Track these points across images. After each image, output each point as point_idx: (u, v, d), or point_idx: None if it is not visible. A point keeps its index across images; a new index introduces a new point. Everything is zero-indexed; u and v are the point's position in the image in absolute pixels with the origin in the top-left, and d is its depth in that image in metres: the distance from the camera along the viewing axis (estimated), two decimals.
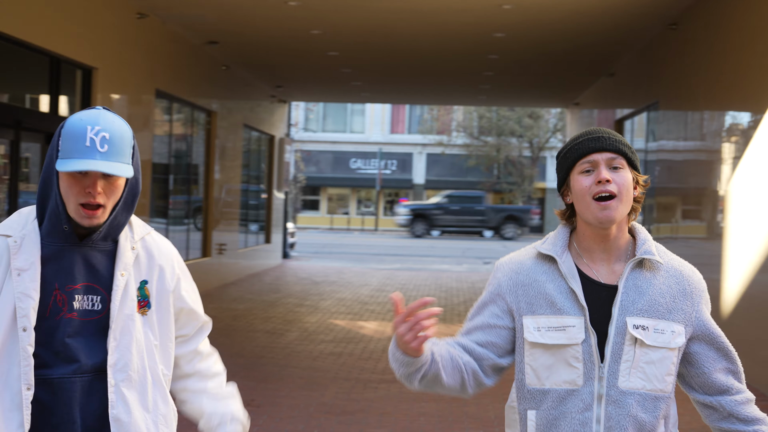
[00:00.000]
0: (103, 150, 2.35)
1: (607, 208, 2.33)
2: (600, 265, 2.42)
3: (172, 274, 2.58)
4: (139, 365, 2.46)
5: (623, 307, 2.35)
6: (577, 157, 2.40)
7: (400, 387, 8.04)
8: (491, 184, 47.97)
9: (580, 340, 2.35)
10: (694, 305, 2.43)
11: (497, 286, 2.47)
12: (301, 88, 20.78)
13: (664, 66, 12.43)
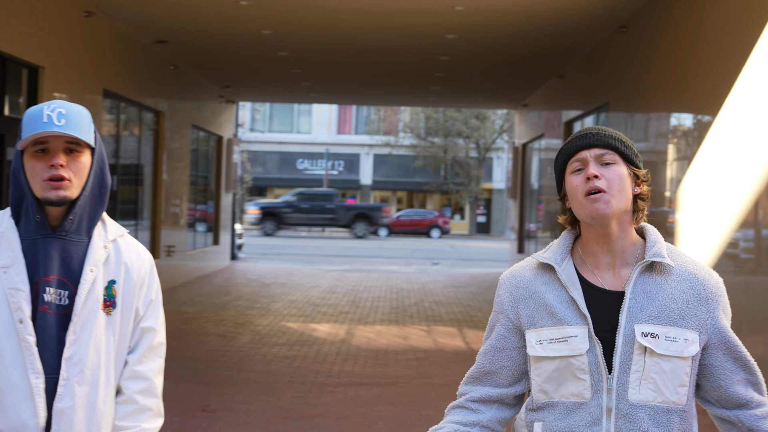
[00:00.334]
0: (60, 123, 2.42)
1: (597, 200, 2.22)
2: (605, 271, 2.30)
3: (140, 279, 2.56)
4: (95, 363, 2.45)
5: (631, 314, 2.23)
6: (567, 156, 2.33)
7: (357, 390, 7.99)
8: (438, 185, 48.16)
9: (583, 351, 2.24)
10: (710, 311, 2.28)
11: (500, 304, 2.40)
12: (250, 88, 20.62)
13: (614, 68, 12.53)
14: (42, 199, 2.43)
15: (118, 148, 13.74)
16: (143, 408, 2.52)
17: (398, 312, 13.69)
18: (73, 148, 2.45)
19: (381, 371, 8.92)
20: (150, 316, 2.57)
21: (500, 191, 49.54)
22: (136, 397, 2.52)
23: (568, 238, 2.37)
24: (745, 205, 7.76)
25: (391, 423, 6.87)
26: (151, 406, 2.53)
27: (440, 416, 6.94)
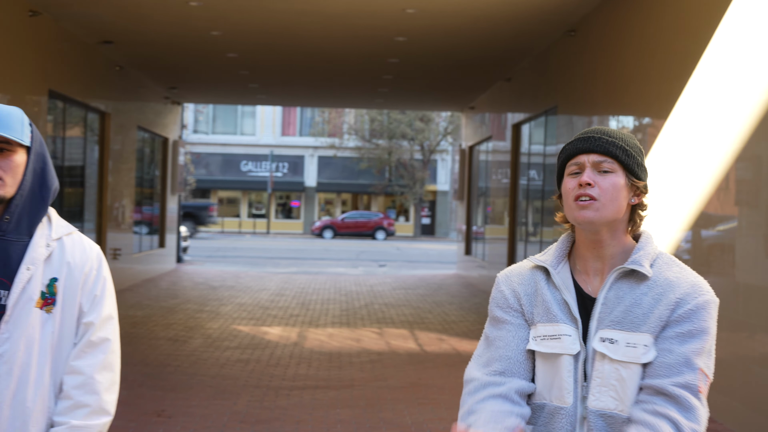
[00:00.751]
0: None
1: (586, 207, 2.20)
2: (593, 276, 2.27)
3: (84, 275, 2.53)
4: (25, 361, 2.44)
5: (600, 320, 2.21)
6: (566, 157, 2.30)
7: (313, 394, 7.96)
8: (383, 187, 48.21)
9: (574, 352, 2.22)
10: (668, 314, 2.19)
11: (503, 299, 2.35)
12: (196, 89, 20.44)
13: (563, 71, 12.66)
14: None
15: (63, 150, 13.51)
16: (79, 404, 2.49)
17: (349, 314, 13.67)
18: (4, 147, 2.44)
19: (336, 374, 8.89)
20: (92, 312, 2.54)
21: (444, 193, 49.79)
22: (72, 392, 2.49)
23: (566, 242, 2.34)
24: (696, 207, 7.90)
25: (349, 426, 6.85)
26: (88, 403, 2.49)
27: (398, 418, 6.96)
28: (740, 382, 6.86)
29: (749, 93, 6.83)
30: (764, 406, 6.48)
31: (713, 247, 7.79)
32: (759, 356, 6.66)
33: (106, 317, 2.56)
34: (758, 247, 6.82)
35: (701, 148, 7.72)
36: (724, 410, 7.05)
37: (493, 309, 2.37)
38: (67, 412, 2.48)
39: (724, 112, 7.26)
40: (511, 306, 2.33)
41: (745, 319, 6.90)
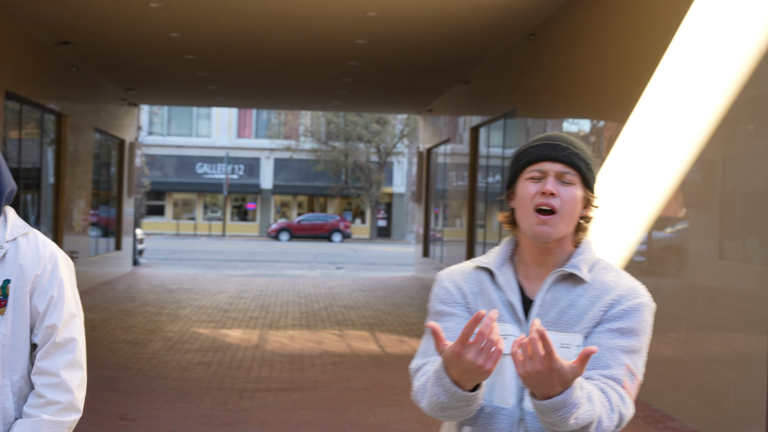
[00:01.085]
0: None
1: (546, 223, 2.18)
2: (534, 281, 2.26)
3: (35, 277, 2.54)
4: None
5: None
6: (528, 161, 2.24)
7: (276, 396, 7.97)
8: (339, 189, 48.21)
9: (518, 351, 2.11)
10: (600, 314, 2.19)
11: (448, 294, 2.29)
12: (153, 91, 20.29)
13: (522, 75, 12.79)
14: None
15: (19, 151, 13.35)
16: (51, 401, 2.51)
17: (309, 316, 13.68)
18: None
19: (299, 376, 8.91)
20: (52, 315, 2.54)
21: (401, 195, 49.91)
22: (43, 390, 2.52)
23: (509, 245, 2.32)
24: (652, 210, 8.04)
25: (314, 428, 6.88)
26: (59, 400, 2.52)
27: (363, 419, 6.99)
28: (698, 381, 6.99)
29: (704, 99, 6.98)
30: (722, 404, 6.62)
31: (669, 249, 7.93)
32: (715, 355, 6.80)
33: (69, 317, 2.56)
34: (712, 249, 6.96)
35: (658, 152, 7.86)
36: (683, 408, 7.19)
37: (435, 304, 2.31)
38: (39, 407, 2.50)
39: (680, 117, 7.40)
40: (456, 301, 2.28)
41: (702, 319, 7.04)
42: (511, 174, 2.30)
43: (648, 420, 7.18)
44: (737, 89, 6.52)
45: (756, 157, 6.32)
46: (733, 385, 6.47)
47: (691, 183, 7.37)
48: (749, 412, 6.24)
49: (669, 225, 7.92)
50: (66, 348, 2.54)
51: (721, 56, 6.77)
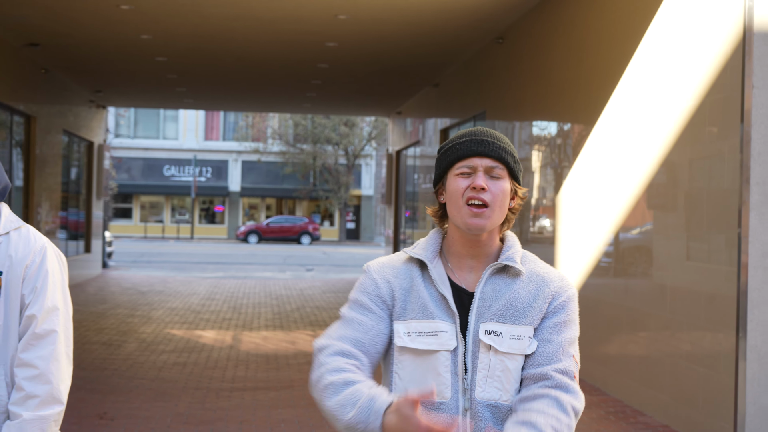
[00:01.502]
0: None
1: (479, 216, 2.26)
2: (467, 272, 2.33)
3: (25, 268, 2.63)
4: None
5: (479, 313, 2.26)
6: (457, 158, 2.30)
7: (253, 395, 8.05)
8: (307, 192, 48.22)
9: (452, 348, 2.24)
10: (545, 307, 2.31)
11: (375, 287, 2.31)
12: (122, 93, 20.25)
13: (491, 77, 12.96)
14: None
15: None
16: (30, 395, 2.58)
17: (281, 318, 13.75)
18: None
19: (274, 375, 8.99)
20: (34, 304, 2.63)
21: (369, 197, 50.02)
22: (23, 383, 2.59)
23: (437, 237, 2.37)
24: (619, 211, 8.22)
25: (292, 425, 6.97)
26: (38, 393, 2.58)
27: None
28: (668, 377, 7.17)
29: (670, 102, 7.16)
30: (691, 399, 6.80)
31: (636, 250, 8.11)
32: (684, 352, 6.98)
33: (50, 309, 2.63)
34: (679, 249, 7.14)
35: (625, 155, 8.04)
36: (653, 404, 7.37)
37: (358, 295, 2.32)
38: (20, 403, 2.58)
39: (647, 120, 7.58)
40: (381, 297, 2.30)
41: (671, 317, 7.22)
42: (440, 170, 2.36)
43: (619, 416, 7.35)
44: (702, 93, 6.71)
45: (721, 159, 6.51)
46: (702, 381, 6.65)
47: (657, 185, 7.55)
48: (718, 407, 6.42)
49: (636, 226, 8.10)
50: (46, 340, 2.61)
51: (686, 61, 6.95)
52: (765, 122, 6.20)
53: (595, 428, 6.95)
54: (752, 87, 6.17)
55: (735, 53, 6.29)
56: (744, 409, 6.16)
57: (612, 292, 8.48)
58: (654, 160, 7.53)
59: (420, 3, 10.75)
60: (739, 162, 6.24)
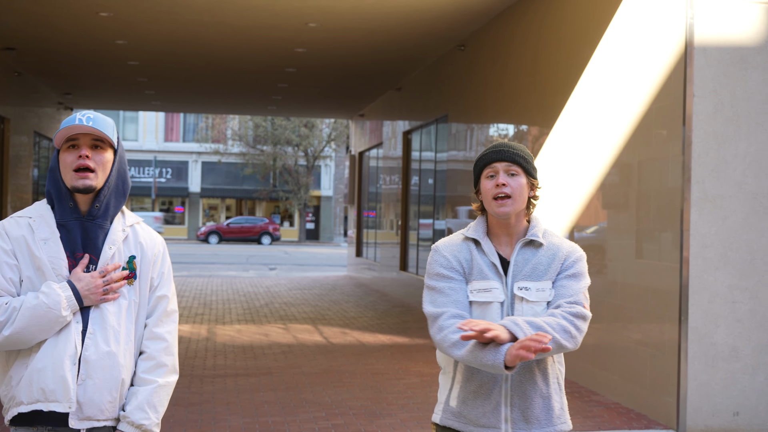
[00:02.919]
0: (88, 123, 2.98)
1: (503, 205, 3.08)
2: (505, 246, 3.16)
3: (154, 255, 3.11)
4: (114, 323, 2.99)
5: (514, 275, 3.09)
6: (483, 165, 3.15)
7: (235, 381, 8.59)
8: (267, 192, 48.59)
9: (501, 300, 3.06)
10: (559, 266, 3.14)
11: (448, 261, 3.12)
12: (90, 95, 20.59)
13: (453, 82, 13.59)
14: (72, 188, 2.97)
15: None
16: (160, 363, 3.06)
17: (252, 313, 14.27)
18: (98, 144, 2.99)
19: (252, 364, 9.54)
20: (163, 286, 3.11)
21: (329, 198, 50.52)
22: (155, 354, 3.05)
23: (483, 222, 3.19)
24: (575, 210, 8.88)
25: (275, 406, 7.53)
26: (167, 363, 3.07)
27: (318, 399, 7.67)
28: (619, 362, 7.84)
29: (621, 107, 7.83)
30: (639, 378, 7.47)
31: (590, 248, 8.76)
32: (633, 341, 7.65)
33: (173, 292, 3.15)
34: (629, 248, 7.81)
35: (581, 156, 8.71)
36: (605, 384, 8.04)
37: (437, 269, 3.12)
38: (151, 370, 3.04)
39: (601, 124, 8.26)
40: (454, 267, 3.11)
41: (622, 311, 7.88)
42: (475, 176, 3.20)
43: (575, 395, 8.01)
44: (649, 100, 7.39)
45: (666, 160, 7.19)
46: (649, 362, 7.33)
47: (610, 185, 8.22)
48: (663, 384, 7.10)
49: (590, 225, 8.77)
50: (172, 317, 3.11)
51: (635, 71, 7.63)
52: (704, 127, 6.89)
53: None
54: (693, 95, 6.87)
55: (678, 65, 6.98)
56: (686, 385, 6.85)
57: None
58: (606, 162, 8.20)
59: (386, 13, 11.36)
60: (681, 163, 6.93)
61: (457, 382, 3.12)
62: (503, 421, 3.06)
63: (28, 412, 2.93)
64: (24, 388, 2.93)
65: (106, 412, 2.97)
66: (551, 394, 3.10)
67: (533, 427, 3.07)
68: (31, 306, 2.89)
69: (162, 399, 3.05)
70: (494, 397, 3.06)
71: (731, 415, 6.90)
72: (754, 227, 6.96)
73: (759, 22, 6.97)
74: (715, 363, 6.90)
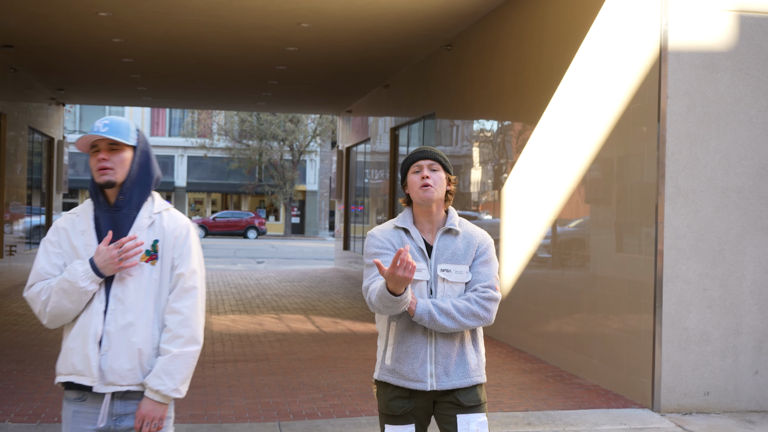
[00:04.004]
0: (103, 130, 3.50)
1: (426, 191, 3.76)
2: (428, 233, 3.83)
3: (175, 238, 3.56)
4: (136, 300, 3.46)
5: (436, 258, 3.76)
6: (410, 163, 3.86)
7: (235, 366, 9.03)
8: (253, 187, 48.92)
9: (427, 279, 3.74)
10: (474, 253, 3.80)
11: (381, 242, 3.78)
12: (83, 91, 20.92)
13: (440, 81, 14.04)
14: (98, 184, 3.51)
15: None
16: (177, 335, 3.47)
17: (244, 304, 14.70)
18: (114, 147, 3.49)
19: (250, 350, 9.98)
20: (182, 265, 3.54)
21: (314, 193, 50.90)
22: (172, 326, 3.48)
23: (409, 213, 3.87)
24: (558, 205, 9.36)
25: (275, 388, 7.98)
26: (183, 334, 3.47)
27: (315, 381, 8.12)
28: (598, 348, 8.34)
29: (601, 107, 8.31)
30: (617, 362, 7.97)
31: (572, 242, 9.24)
32: (612, 328, 8.14)
33: (192, 270, 3.55)
34: (610, 242, 8.28)
35: (565, 151, 9.19)
36: (585, 368, 8.53)
37: (371, 249, 3.77)
38: (169, 341, 3.47)
39: (581, 123, 8.74)
40: (386, 247, 3.76)
41: (602, 302, 8.37)
42: (402, 173, 3.91)
43: (557, 379, 8.50)
44: (626, 101, 7.87)
45: (642, 157, 7.67)
46: (626, 347, 7.82)
47: (589, 181, 8.69)
48: (639, 366, 7.60)
49: (572, 219, 9.25)
50: (189, 293, 3.52)
51: (613, 73, 8.11)
52: (677, 126, 7.39)
53: (536, 388, 8.08)
54: (667, 97, 7.36)
55: (653, 68, 7.47)
56: (660, 367, 7.35)
57: (551, 279, 9.62)
58: (586, 160, 8.68)
59: (377, 13, 11.80)
60: (656, 160, 7.42)
61: (389, 345, 3.77)
62: (429, 375, 3.72)
63: (65, 381, 3.50)
64: (61, 361, 3.49)
65: (126, 378, 3.44)
66: (467, 353, 3.77)
67: (452, 379, 3.74)
68: (57, 282, 3.42)
69: (179, 367, 3.45)
70: (421, 356, 3.72)
71: (702, 395, 7.41)
72: (723, 220, 7.47)
73: (728, 30, 7.47)
74: (687, 347, 7.40)
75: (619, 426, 6.93)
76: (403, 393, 3.76)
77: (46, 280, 3.46)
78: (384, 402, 3.81)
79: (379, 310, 3.65)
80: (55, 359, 3.71)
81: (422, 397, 3.77)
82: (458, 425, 3.74)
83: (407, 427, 3.78)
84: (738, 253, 7.49)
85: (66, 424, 3.52)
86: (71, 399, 3.51)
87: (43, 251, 3.52)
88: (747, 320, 7.50)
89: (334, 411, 7.17)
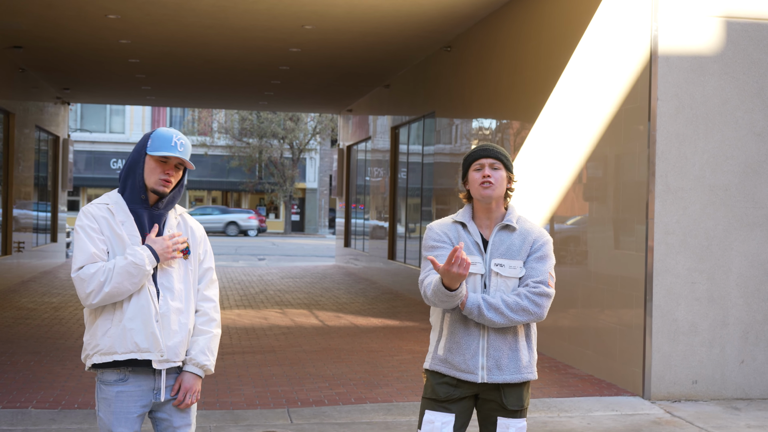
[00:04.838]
0: (181, 150, 3.85)
1: (487, 188, 3.84)
2: (485, 228, 3.91)
3: (200, 237, 4.02)
4: (179, 288, 3.86)
5: (491, 252, 3.83)
6: (472, 160, 3.92)
7: (243, 357, 9.38)
8: (253, 185, 49.24)
9: (482, 272, 3.82)
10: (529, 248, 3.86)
11: (439, 235, 3.89)
12: (88, 90, 21.24)
13: (440, 81, 14.38)
14: (152, 189, 3.83)
15: None
16: (212, 318, 3.96)
17: (248, 299, 15.05)
18: (179, 166, 3.88)
19: (257, 343, 10.33)
20: (208, 260, 4.02)
21: (313, 190, 51.25)
22: (208, 311, 3.96)
23: (469, 209, 3.94)
24: (555, 202, 9.71)
25: (282, 378, 8.33)
26: (216, 318, 3.97)
27: (321, 372, 8.51)
28: (592, 340, 8.69)
29: (595, 107, 8.66)
30: (610, 353, 8.32)
31: (569, 239, 9.58)
32: (605, 321, 8.49)
33: (214, 265, 4.07)
34: (605, 239, 8.63)
35: (561, 150, 9.53)
36: (580, 359, 8.88)
37: (429, 242, 3.87)
38: (207, 323, 3.94)
39: (579, 120, 9.08)
40: (444, 240, 3.86)
41: (596, 296, 8.71)
42: (464, 169, 3.95)
43: (553, 369, 8.85)
44: (619, 101, 8.22)
45: (634, 156, 8.02)
46: (619, 339, 8.17)
47: (588, 177, 9.03)
48: (630, 357, 7.95)
49: (569, 216, 9.59)
50: (215, 283, 4.04)
51: (607, 76, 8.46)
52: (667, 127, 7.74)
53: None
54: (657, 99, 7.71)
55: (644, 71, 7.82)
56: (650, 357, 7.70)
57: None
58: (581, 158, 9.03)
59: (378, 16, 12.14)
60: (647, 159, 7.77)
61: (443, 336, 3.86)
62: (480, 368, 3.79)
63: (123, 360, 3.77)
64: (117, 341, 3.76)
65: (180, 355, 3.85)
66: (520, 348, 3.83)
67: (504, 373, 3.80)
68: (123, 265, 3.73)
69: (216, 346, 3.95)
70: (473, 348, 3.80)
71: (690, 383, 7.77)
72: (710, 216, 7.83)
73: (716, 34, 7.82)
74: (676, 337, 7.76)
75: (611, 412, 7.29)
76: (451, 381, 3.84)
77: (97, 263, 3.73)
78: (430, 387, 3.88)
79: (434, 303, 3.78)
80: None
81: (469, 388, 3.84)
82: (497, 429, 3.84)
83: (447, 415, 3.84)
84: (725, 248, 7.84)
85: (108, 405, 3.81)
86: (111, 381, 3.80)
87: (87, 236, 3.77)
88: (733, 312, 7.86)
89: (340, 399, 7.52)
